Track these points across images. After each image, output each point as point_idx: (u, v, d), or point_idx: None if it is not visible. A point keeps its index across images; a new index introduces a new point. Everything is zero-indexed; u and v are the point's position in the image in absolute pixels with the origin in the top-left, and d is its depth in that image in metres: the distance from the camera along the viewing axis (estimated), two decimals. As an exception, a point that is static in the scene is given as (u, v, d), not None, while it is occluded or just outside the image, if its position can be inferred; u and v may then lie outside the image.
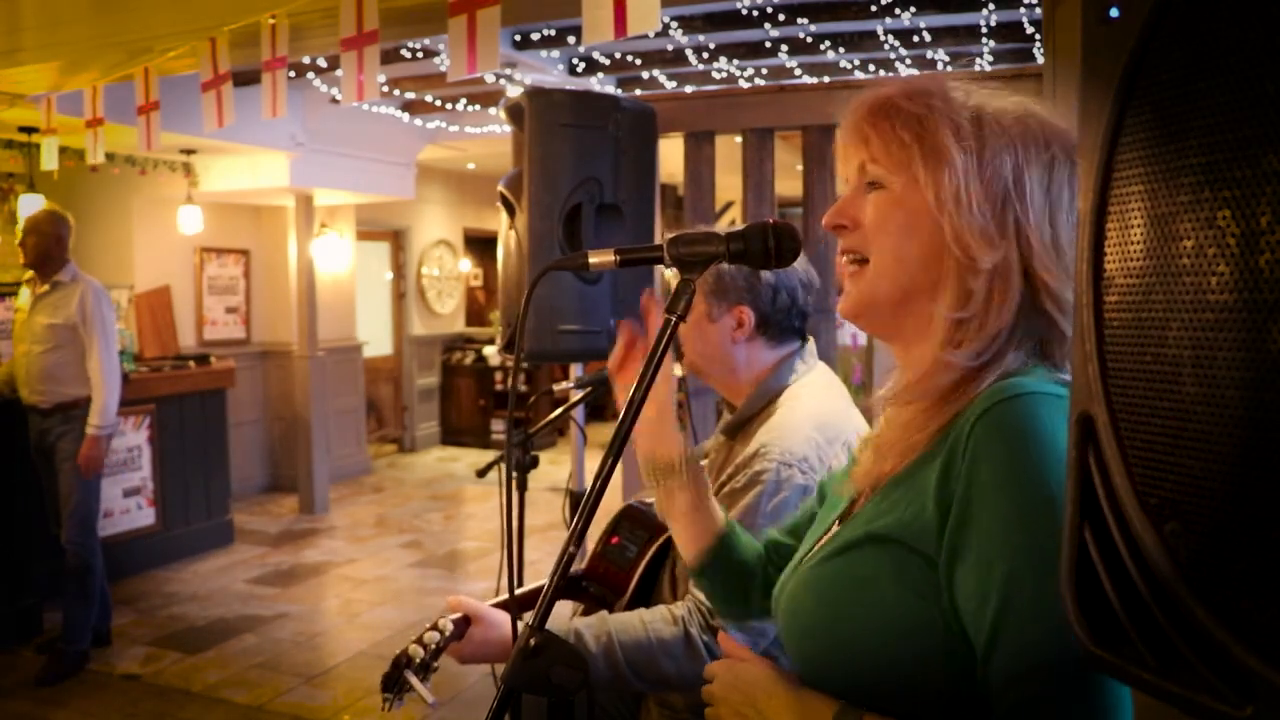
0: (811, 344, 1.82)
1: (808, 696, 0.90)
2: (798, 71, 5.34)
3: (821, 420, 1.65)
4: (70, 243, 4.26)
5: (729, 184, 3.37)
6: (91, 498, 4.20)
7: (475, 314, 10.91)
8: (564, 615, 1.64)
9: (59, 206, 4.40)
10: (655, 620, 1.58)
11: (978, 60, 5.02)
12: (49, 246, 4.16)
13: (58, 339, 4.13)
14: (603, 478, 0.98)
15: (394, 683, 1.59)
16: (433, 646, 1.60)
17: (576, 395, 2.19)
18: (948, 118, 0.92)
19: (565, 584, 1.03)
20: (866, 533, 0.91)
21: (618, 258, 1.04)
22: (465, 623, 1.64)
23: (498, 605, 1.71)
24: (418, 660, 1.59)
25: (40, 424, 4.22)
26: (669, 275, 1.85)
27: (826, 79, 5.32)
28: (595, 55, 5.15)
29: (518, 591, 1.62)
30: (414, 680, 1.57)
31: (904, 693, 0.86)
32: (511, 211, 2.35)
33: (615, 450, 0.99)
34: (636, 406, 0.99)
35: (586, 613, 1.89)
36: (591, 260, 1.04)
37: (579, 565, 1.92)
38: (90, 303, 4.13)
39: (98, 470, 4.17)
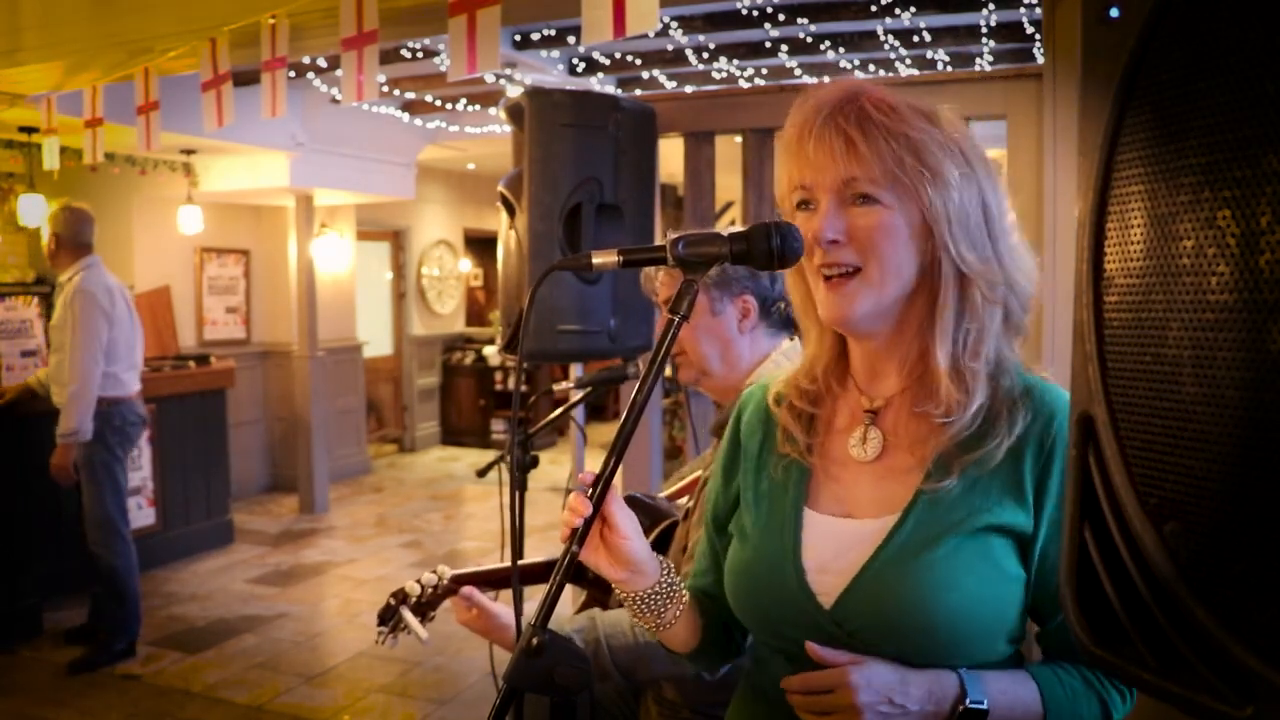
0: (798, 341, 1.84)
1: (930, 673, 1.00)
2: (798, 71, 5.34)
3: None
4: (86, 237, 4.17)
5: (729, 184, 3.37)
6: (103, 499, 4.15)
7: (475, 314, 10.91)
8: (563, 603, 1.66)
9: (74, 201, 4.29)
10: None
11: (978, 60, 5.02)
12: (59, 242, 4.12)
13: (56, 341, 4.08)
14: (605, 479, 0.98)
15: (390, 617, 1.61)
16: (430, 590, 1.61)
17: (576, 395, 2.19)
18: (933, 138, 1.03)
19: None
20: (986, 524, 1.02)
21: (621, 258, 1.04)
22: (463, 583, 1.66)
23: (498, 571, 1.73)
24: (414, 599, 1.60)
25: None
26: (653, 272, 1.86)
27: (826, 79, 5.31)
28: (595, 55, 5.15)
29: (522, 563, 1.64)
30: (409, 617, 1.59)
31: (994, 641, 1.03)
32: (511, 211, 2.35)
33: (617, 452, 0.99)
34: (639, 409, 0.99)
35: (586, 600, 1.90)
36: (596, 261, 1.03)
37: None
38: (68, 301, 4.00)
39: (64, 481, 4.03)
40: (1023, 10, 4.22)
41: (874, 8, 4.19)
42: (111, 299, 4.14)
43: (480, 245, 10.67)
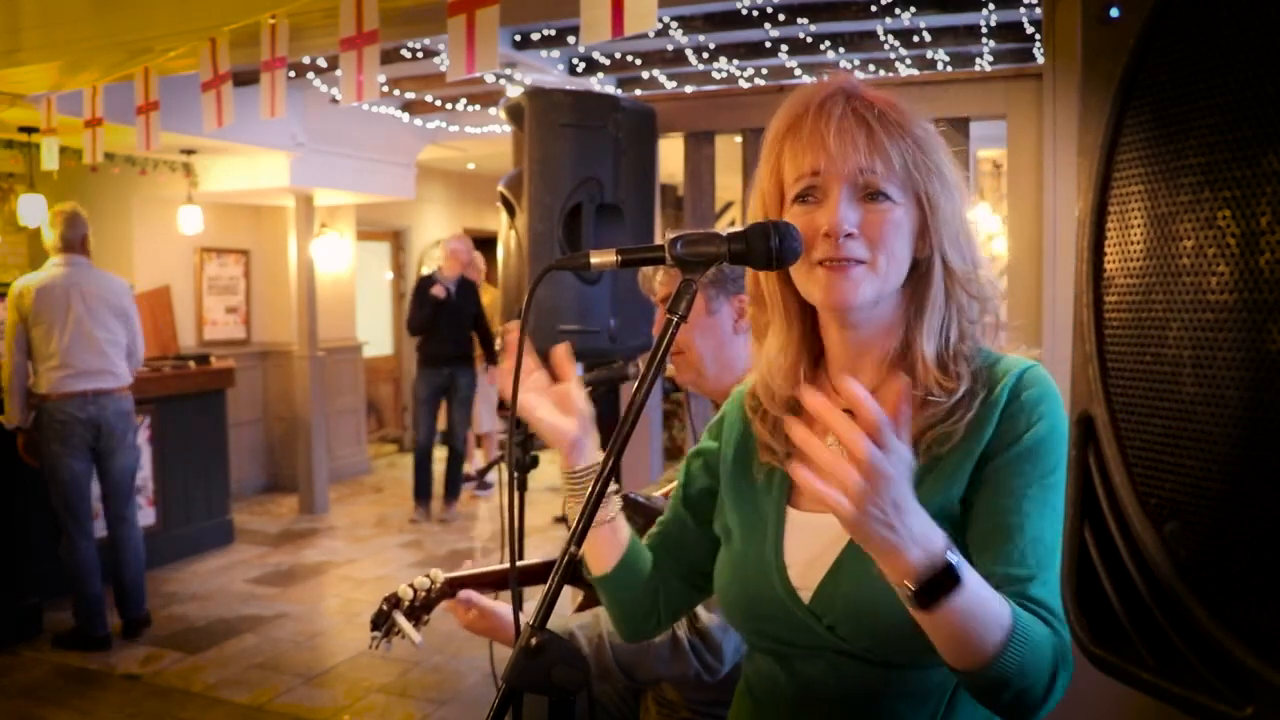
0: None
1: (927, 519, 0.87)
2: (798, 71, 5.34)
3: None
4: (71, 238, 4.35)
5: (729, 184, 3.36)
6: (51, 483, 4.31)
7: (475, 314, 10.89)
8: (562, 602, 1.65)
9: (71, 204, 4.44)
10: None
11: (978, 60, 5.02)
12: (47, 245, 4.30)
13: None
14: (603, 478, 0.98)
15: (383, 622, 1.61)
16: (423, 594, 1.61)
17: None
18: (935, 141, 1.08)
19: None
20: (936, 510, 0.94)
21: (619, 258, 1.03)
22: (458, 585, 1.66)
23: (493, 573, 1.73)
24: (407, 602, 1.60)
25: None
26: (651, 271, 1.86)
27: (826, 79, 5.31)
28: (595, 55, 5.15)
29: (520, 564, 1.63)
30: (402, 621, 1.59)
31: None
32: (511, 211, 2.35)
33: (616, 452, 0.99)
34: (638, 408, 0.99)
35: (585, 600, 1.90)
36: (594, 260, 1.03)
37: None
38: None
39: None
40: (1023, 10, 4.22)
41: (874, 8, 4.19)
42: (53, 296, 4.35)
43: (480, 245, 10.65)
